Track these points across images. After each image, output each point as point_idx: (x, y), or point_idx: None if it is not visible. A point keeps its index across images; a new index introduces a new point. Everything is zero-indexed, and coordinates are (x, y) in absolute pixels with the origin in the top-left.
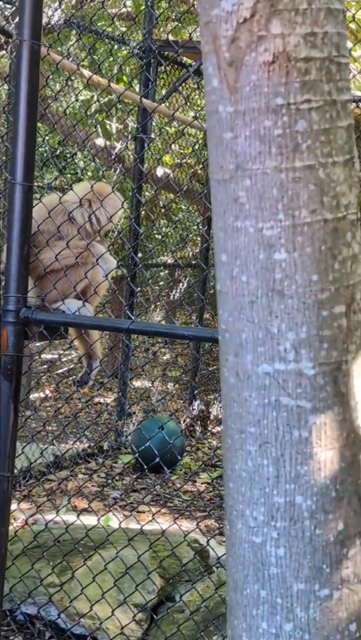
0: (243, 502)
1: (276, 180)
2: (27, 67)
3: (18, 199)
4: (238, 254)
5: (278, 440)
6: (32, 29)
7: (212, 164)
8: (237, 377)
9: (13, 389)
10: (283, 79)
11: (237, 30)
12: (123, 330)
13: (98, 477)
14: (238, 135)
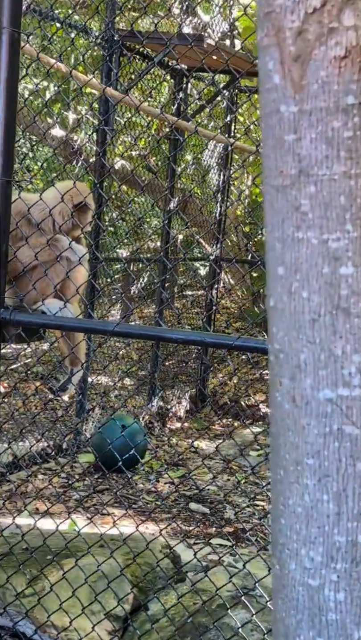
0: (298, 540)
1: (344, 187)
2: (7, 56)
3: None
4: (299, 268)
5: (340, 473)
6: (12, 16)
7: (268, 169)
8: (293, 402)
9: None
10: (355, 76)
11: (304, 22)
12: (108, 332)
13: (59, 477)
14: (303, 137)
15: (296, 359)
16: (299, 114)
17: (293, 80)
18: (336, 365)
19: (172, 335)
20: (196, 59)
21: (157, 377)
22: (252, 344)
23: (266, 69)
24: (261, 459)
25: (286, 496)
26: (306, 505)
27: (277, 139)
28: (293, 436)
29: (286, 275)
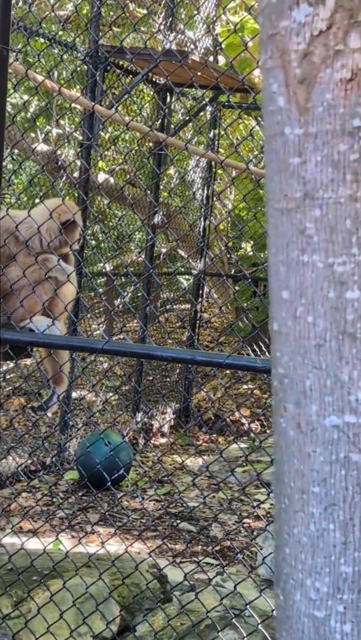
0: (303, 570)
1: (350, 211)
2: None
3: None
4: (304, 292)
5: (346, 502)
6: (0, 33)
7: (272, 192)
8: (299, 429)
9: None
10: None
11: (310, 44)
12: (96, 350)
13: (43, 494)
14: (308, 160)
15: (302, 384)
16: (304, 136)
17: (298, 103)
18: (343, 391)
19: (162, 354)
20: (180, 74)
21: (141, 392)
22: (243, 362)
23: (270, 91)
24: (246, 476)
25: (291, 525)
26: (311, 534)
27: (281, 161)
28: (299, 463)
29: (290, 299)
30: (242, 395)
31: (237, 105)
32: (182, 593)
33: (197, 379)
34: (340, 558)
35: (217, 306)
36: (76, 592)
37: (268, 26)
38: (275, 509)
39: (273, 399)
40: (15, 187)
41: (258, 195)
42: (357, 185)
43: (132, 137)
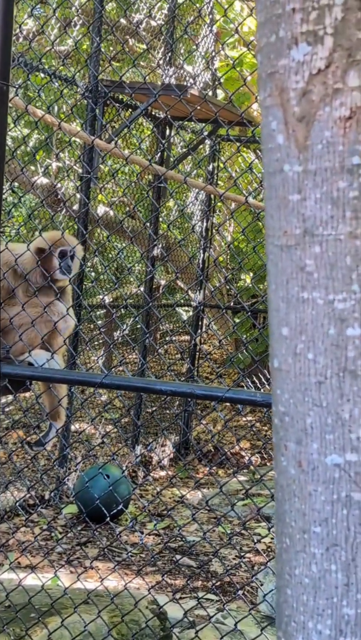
0: (305, 612)
1: (350, 248)
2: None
3: None
4: (304, 329)
5: (348, 542)
6: (1, 69)
7: (272, 228)
8: (299, 468)
9: None
10: (360, 136)
11: (309, 83)
12: (95, 385)
13: (41, 529)
14: (307, 198)
15: (302, 422)
16: (303, 174)
17: (297, 141)
18: (344, 429)
19: (161, 387)
20: (179, 108)
21: (140, 425)
22: (243, 396)
23: (269, 128)
24: (246, 510)
25: (292, 566)
26: (313, 575)
27: (281, 198)
28: (299, 503)
29: (291, 336)
30: (242, 428)
31: (235, 138)
32: (182, 630)
33: (197, 411)
34: (342, 600)
35: (217, 338)
36: (74, 630)
37: (267, 65)
38: (276, 549)
39: (274, 436)
40: (14, 220)
41: (257, 228)
42: (357, 222)
43: (131, 170)
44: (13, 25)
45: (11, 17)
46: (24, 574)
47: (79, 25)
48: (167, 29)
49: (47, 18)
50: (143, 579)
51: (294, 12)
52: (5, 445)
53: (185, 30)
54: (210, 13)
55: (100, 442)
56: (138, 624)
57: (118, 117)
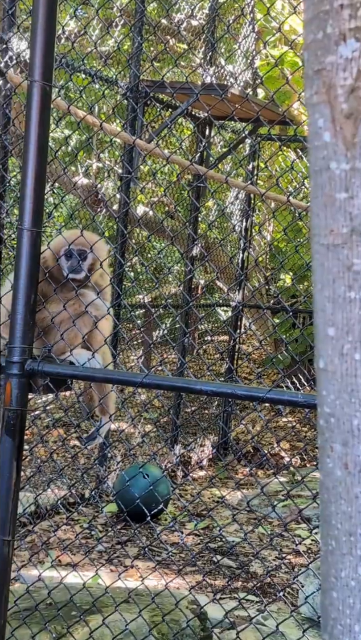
0: (352, 616)
1: None
2: (38, 110)
3: (26, 245)
4: (351, 329)
5: None
6: (44, 70)
7: (317, 227)
8: (346, 469)
9: (16, 446)
10: None
11: (357, 79)
12: (136, 384)
13: (81, 527)
14: (355, 196)
15: (349, 423)
16: (351, 171)
17: (344, 138)
18: None
19: (202, 387)
20: (218, 107)
21: (179, 424)
22: (284, 397)
23: (316, 126)
24: (286, 511)
25: (338, 568)
26: (360, 578)
27: (327, 197)
28: (346, 505)
29: (337, 337)
30: (281, 428)
31: (276, 137)
32: (222, 630)
33: (236, 412)
34: None
35: (255, 338)
36: (115, 629)
37: (314, 62)
38: (321, 551)
39: (319, 438)
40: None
41: (296, 227)
42: None
43: (171, 170)
44: (56, 27)
45: (54, 19)
46: (65, 572)
47: (120, 26)
48: (208, 28)
49: (88, 19)
50: (183, 579)
51: (342, 8)
52: (46, 444)
53: (228, 30)
54: (251, 12)
55: (140, 442)
56: (179, 623)
57: (158, 117)
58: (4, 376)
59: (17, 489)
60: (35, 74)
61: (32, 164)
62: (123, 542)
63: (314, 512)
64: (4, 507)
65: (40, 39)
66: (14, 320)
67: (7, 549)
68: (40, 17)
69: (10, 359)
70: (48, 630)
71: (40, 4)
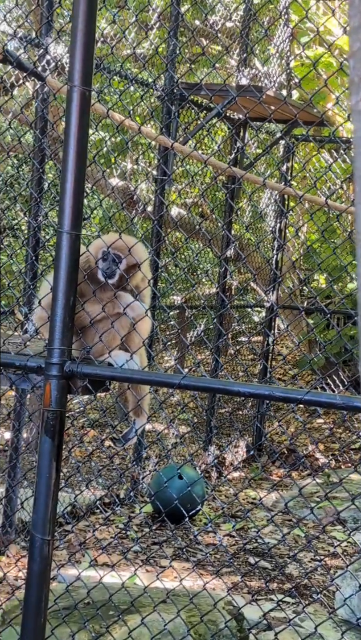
0: None
1: None
2: (77, 114)
3: (65, 247)
4: None
5: None
6: (83, 75)
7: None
8: None
9: (56, 446)
10: None
11: None
12: (174, 385)
13: (117, 527)
14: None
15: None
16: None
17: None
18: None
19: (239, 389)
20: (253, 108)
21: (214, 426)
22: (322, 398)
23: (360, 132)
24: (321, 512)
25: None
26: None
27: None
28: None
29: None
30: (316, 430)
31: (312, 138)
32: (258, 632)
33: (270, 413)
34: None
35: (289, 339)
36: (153, 629)
37: (360, 69)
38: None
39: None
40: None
41: (331, 228)
42: None
43: (205, 171)
44: (95, 33)
45: (94, 25)
46: (103, 572)
47: (155, 29)
48: (243, 30)
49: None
50: (220, 580)
51: None
52: (83, 444)
53: (265, 33)
54: (286, 13)
55: (175, 443)
56: (216, 624)
57: (192, 119)
58: (44, 377)
59: (56, 489)
60: (75, 79)
61: (71, 168)
62: (159, 543)
63: (350, 514)
64: (44, 507)
65: (79, 44)
66: (53, 322)
67: (47, 548)
68: (80, 23)
69: (50, 361)
70: (87, 629)
71: (80, 9)
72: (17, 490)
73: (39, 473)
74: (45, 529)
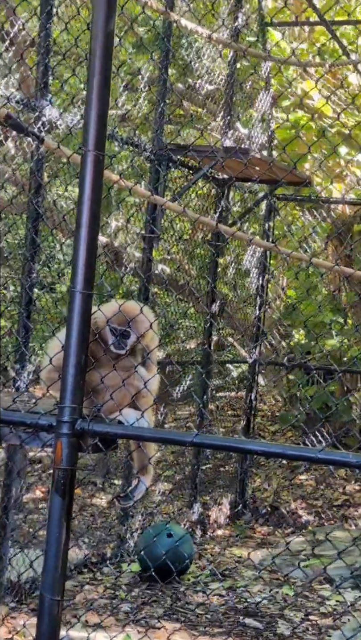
0: None
1: None
2: (91, 177)
3: (77, 307)
4: None
5: None
6: (97, 140)
7: None
8: None
9: (66, 505)
10: None
11: None
12: (186, 443)
13: (105, 587)
14: None
15: None
16: None
17: None
18: None
19: (253, 447)
20: (237, 168)
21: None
22: (336, 457)
23: None
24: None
25: None
26: None
27: None
28: None
29: None
30: (298, 487)
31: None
32: None
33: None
34: None
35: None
36: None
37: None
38: None
39: None
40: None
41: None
42: None
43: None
44: (109, 100)
45: (108, 94)
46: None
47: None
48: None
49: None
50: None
51: None
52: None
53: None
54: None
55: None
56: None
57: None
58: (55, 435)
59: (66, 548)
60: (90, 144)
61: (84, 228)
62: (148, 602)
63: (338, 573)
64: (53, 567)
65: (94, 112)
66: (64, 380)
67: (57, 609)
68: (94, 94)
69: (61, 419)
70: None
71: (95, 81)
72: (7, 549)
73: (48, 532)
74: (54, 589)
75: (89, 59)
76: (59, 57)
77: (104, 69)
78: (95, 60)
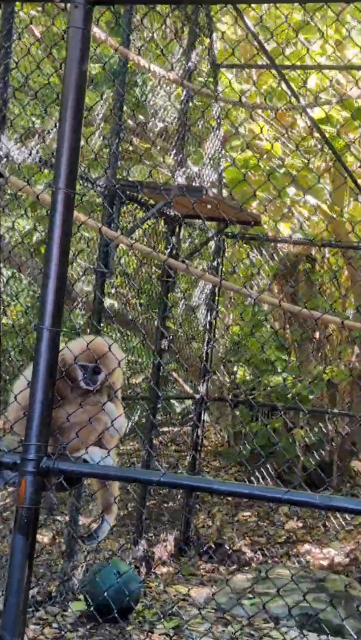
0: None
1: None
2: (61, 214)
3: (45, 344)
4: None
5: None
6: (68, 178)
7: None
8: None
9: (29, 544)
10: None
11: None
12: (154, 482)
13: (50, 627)
14: None
15: None
16: None
17: None
18: None
19: (218, 487)
20: (188, 206)
21: (145, 519)
22: (302, 498)
23: None
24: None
25: None
26: None
27: None
28: None
29: None
30: (241, 524)
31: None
32: None
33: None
34: None
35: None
36: None
37: None
38: None
39: None
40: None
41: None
42: None
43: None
44: (80, 144)
45: (79, 138)
46: None
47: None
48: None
49: None
50: None
51: None
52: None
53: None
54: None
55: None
56: None
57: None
58: (19, 474)
59: (28, 587)
60: (60, 182)
61: (54, 266)
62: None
63: (282, 611)
64: (14, 608)
65: (65, 151)
66: (31, 417)
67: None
68: (66, 138)
69: (26, 456)
70: None
71: (67, 125)
72: None
73: (10, 572)
74: (15, 630)
75: (62, 97)
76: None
77: (76, 111)
78: (68, 97)
